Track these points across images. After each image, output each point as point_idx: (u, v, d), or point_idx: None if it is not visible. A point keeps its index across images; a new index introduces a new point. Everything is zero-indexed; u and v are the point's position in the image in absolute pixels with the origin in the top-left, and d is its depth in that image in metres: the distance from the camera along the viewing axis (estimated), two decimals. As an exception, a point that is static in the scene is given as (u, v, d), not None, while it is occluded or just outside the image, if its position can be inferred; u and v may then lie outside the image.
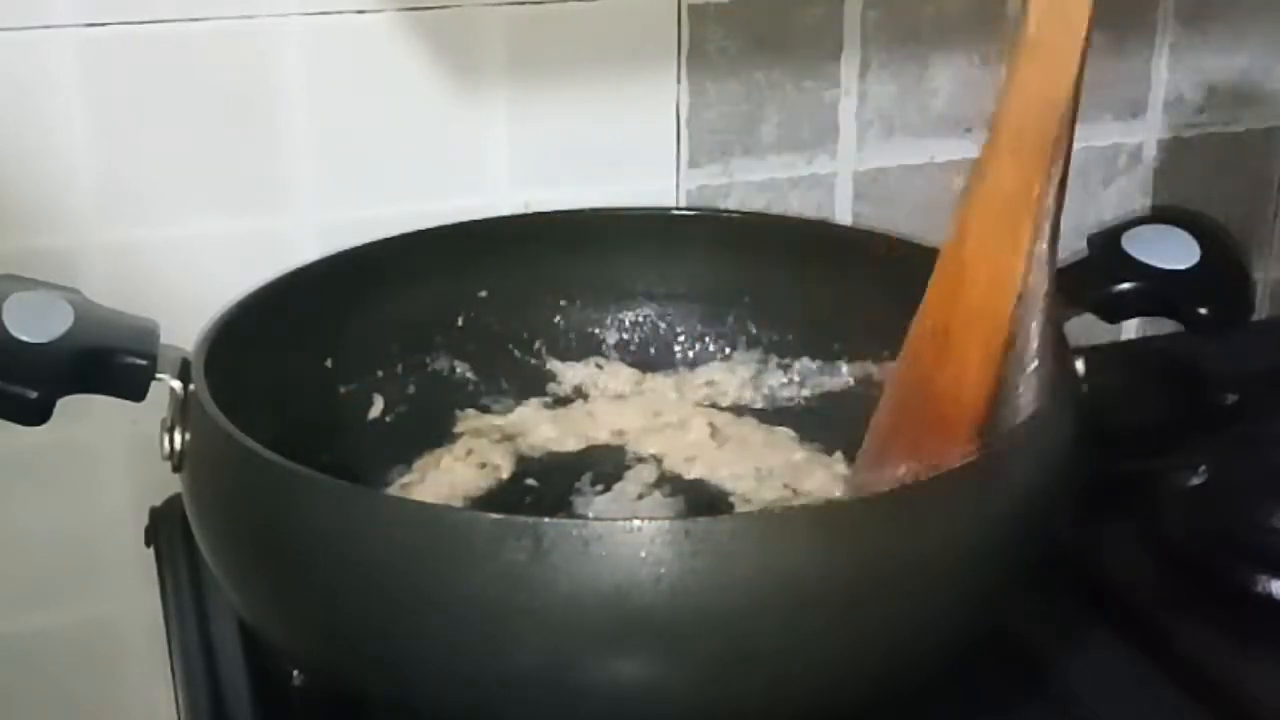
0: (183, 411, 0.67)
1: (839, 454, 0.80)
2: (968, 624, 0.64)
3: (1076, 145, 0.62)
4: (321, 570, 0.60)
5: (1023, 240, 0.67)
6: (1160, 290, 0.78)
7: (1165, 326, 0.82)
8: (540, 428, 0.84)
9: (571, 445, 0.84)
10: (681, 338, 0.89)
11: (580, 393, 0.87)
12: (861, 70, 0.96)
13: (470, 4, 0.87)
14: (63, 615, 0.89)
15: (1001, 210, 0.68)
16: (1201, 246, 0.78)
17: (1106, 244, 0.79)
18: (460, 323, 0.86)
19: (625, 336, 0.89)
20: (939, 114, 0.98)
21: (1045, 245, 0.67)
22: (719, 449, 0.82)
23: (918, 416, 0.71)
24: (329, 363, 0.81)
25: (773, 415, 0.86)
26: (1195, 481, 0.81)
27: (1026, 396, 0.69)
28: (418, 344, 0.85)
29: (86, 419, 0.73)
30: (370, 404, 0.83)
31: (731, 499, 0.78)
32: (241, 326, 0.73)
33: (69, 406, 0.66)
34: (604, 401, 0.87)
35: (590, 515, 0.77)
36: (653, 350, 0.89)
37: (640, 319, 0.90)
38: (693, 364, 0.89)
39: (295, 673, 0.69)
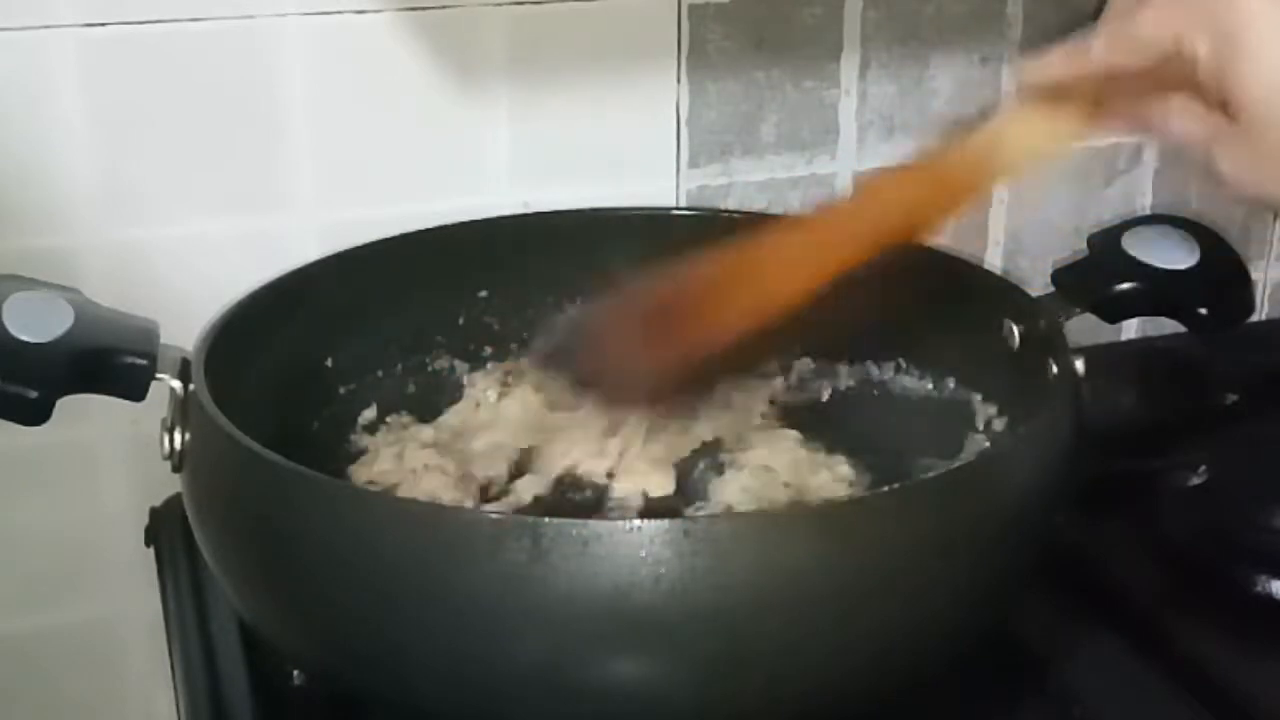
0: (183, 411, 0.66)
1: (839, 454, 0.80)
2: (967, 624, 0.64)
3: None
4: (321, 570, 0.60)
5: (816, 279, 0.69)
6: (1160, 290, 0.78)
7: (1165, 326, 0.82)
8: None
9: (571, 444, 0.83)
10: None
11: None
12: (861, 70, 0.96)
13: (470, 4, 0.86)
14: (63, 615, 0.89)
15: (839, 246, 0.71)
16: (1201, 246, 0.78)
17: (1106, 244, 0.79)
18: (460, 322, 0.86)
19: (625, 337, 0.89)
20: (939, 114, 0.98)
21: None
22: (719, 449, 0.82)
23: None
24: (329, 363, 0.81)
25: (773, 416, 0.85)
26: (1195, 481, 0.81)
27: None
28: (418, 344, 0.85)
29: (86, 419, 0.73)
30: (369, 404, 0.83)
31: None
32: (241, 326, 0.73)
33: (69, 406, 0.66)
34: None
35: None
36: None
37: (640, 319, 0.89)
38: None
39: (295, 673, 0.69)
